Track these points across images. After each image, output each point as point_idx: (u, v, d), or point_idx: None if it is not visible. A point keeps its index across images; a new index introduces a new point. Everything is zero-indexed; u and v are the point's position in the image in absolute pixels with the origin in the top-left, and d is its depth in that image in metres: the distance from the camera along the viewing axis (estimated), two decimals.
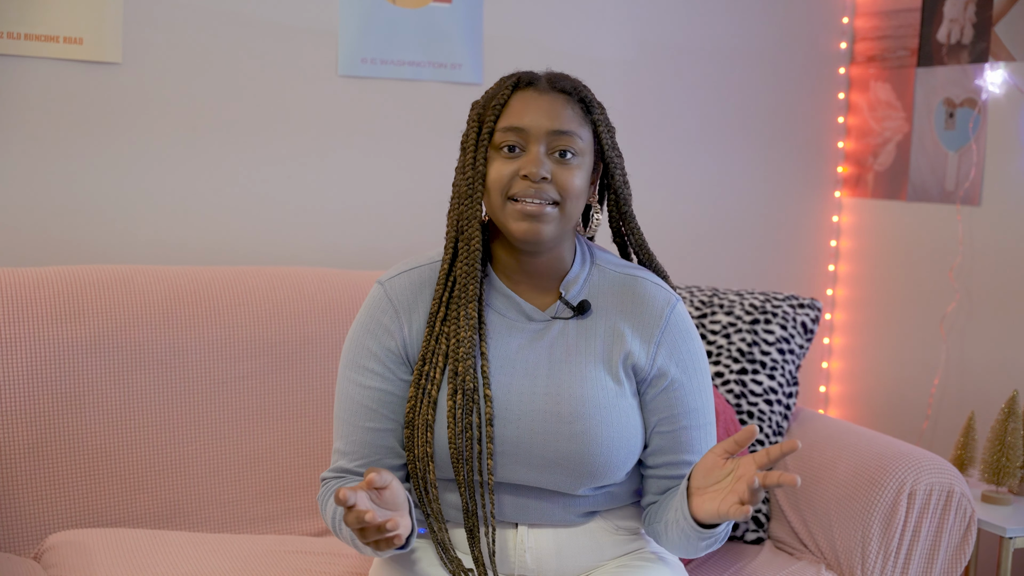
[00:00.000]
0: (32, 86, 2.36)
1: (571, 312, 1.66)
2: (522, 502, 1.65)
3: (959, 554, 2.11)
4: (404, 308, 1.65)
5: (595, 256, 1.71)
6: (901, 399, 3.07)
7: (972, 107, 2.84)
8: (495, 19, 2.77)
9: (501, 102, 1.61)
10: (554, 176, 1.58)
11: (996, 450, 2.46)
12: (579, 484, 1.63)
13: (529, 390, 1.62)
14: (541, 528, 1.68)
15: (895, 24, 3.07)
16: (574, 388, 1.62)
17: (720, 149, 3.10)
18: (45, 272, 2.14)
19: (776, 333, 2.40)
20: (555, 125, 1.58)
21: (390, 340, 1.65)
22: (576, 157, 1.60)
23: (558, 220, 1.59)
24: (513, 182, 1.58)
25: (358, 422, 1.65)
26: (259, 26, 2.55)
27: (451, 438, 1.59)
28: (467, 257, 1.61)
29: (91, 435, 2.09)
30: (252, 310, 2.23)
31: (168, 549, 1.98)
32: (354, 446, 1.65)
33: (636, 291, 1.67)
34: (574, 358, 1.64)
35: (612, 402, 1.62)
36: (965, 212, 2.88)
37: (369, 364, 1.65)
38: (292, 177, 2.62)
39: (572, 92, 1.63)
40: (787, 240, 3.22)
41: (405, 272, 1.69)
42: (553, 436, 1.60)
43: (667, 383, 1.65)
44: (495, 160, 1.60)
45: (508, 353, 1.64)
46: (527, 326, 1.65)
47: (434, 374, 1.61)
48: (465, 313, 1.60)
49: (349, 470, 1.66)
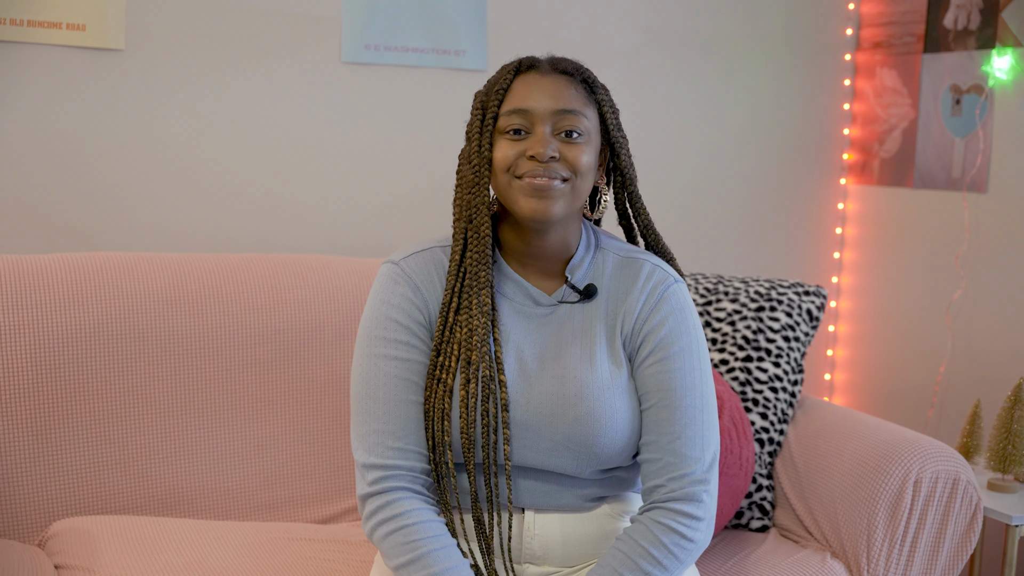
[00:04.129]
0: (35, 73, 2.36)
1: (577, 296, 1.66)
2: (531, 485, 1.65)
3: (965, 542, 2.11)
4: (423, 284, 1.64)
5: (600, 240, 1.72)
6: (907, 387, 3.07)
7: (979, 94, 2.83)
8: (499, 5, 2.76)
9: (504, 87, 1.60)
10: (562, 154, 1.57)
11: (1002, 438, 2.45)
12: (586, 466, 1.63)
13: (537, 373, 1.62)
14: (548, 514, 1.67)
15: (901, 10, 3.05)
16: (579, 371, 1.61)
17: (725, 136, 3.09)
18: (48, 259, 2.14)
19: (781, 320, 2.39)
20: (559, 105, 1.58)
21: (415, 311, 1.63)
22: (582, 136, 1.59)
23: (568, 196, 1.58)
24: (519, 162, 1.57)
25: (401, 396, 1.59)
26: (262, 13, 2.54)
27: (463, 427, 1.58)
28: (477, 245, 1.60)
29: (95, 422, 2.09)
30: (255, 297, 2.23)
31: (172, 536, 1.98)
32: (401, 423, 1.59)
33: (638, 271, 1.67)
34: (579, 341, 1.64)
35: (613, 384, 1.62)
36: (971, 199, 2.87)
37: (399, 336, 1.61)
38: (295, 164, 2.61)
39: (575, 73, 1.62)
40: (793, 227, 3.21)
41: (417, 252, 1.68)
42: (560, 418, 1.60)
43: (649, 352, 1.63)
44: (500, 143, 1.59)
45: (517, 338, 1.64)
46: (535, 311, 1.66)
47: (449, 363, 1.60)
48: (478, 301, 1.60)
49: (403, 450, 1.59)
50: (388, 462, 1.58)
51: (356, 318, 2.28)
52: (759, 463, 2.28)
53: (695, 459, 1.60)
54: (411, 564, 1.53)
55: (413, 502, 1.57)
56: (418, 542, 1.54)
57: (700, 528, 1.59)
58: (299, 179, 2.62)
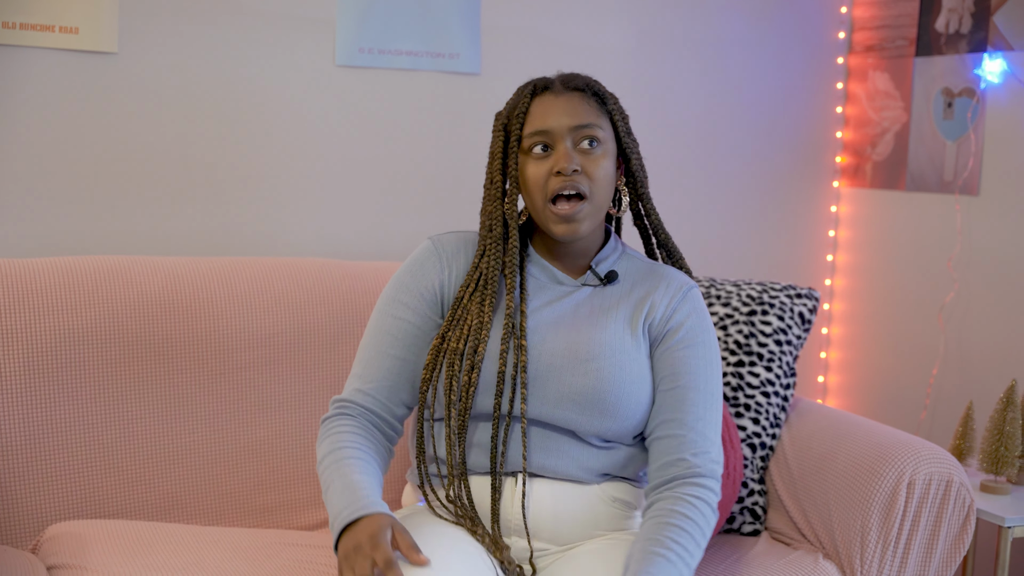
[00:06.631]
0: (27, 76, 2.35)
1: (599, 281, 1.82)
2: (535, 441, 1.74)
3: (958, 543, 2.12)
4: (448, 256, 1.82)
5: (626, 249, 1.89)
6: (900, 389, 3.07)
7: (971, 97, 2.84)
8: (493, 8, 2.76)
9: (523, 110, 1.77)
10: (583, 167, 1.73)
11: (995, 439, 2.46)
12: (593, 423, 1.74)
13: (552, 335, 1.76)
14: (543, 481, 1.75)
15: (893, 13, 3.06)
16: (593, 334, 1.76)
17: (718, 139, 3.09)
18: (41, 263, 2.14)
19: (773, 324, 2.40)
20: (576, 121, 1.74)
21: (428, 280, 1.81)
22: (600, 146, 1.76)
23: (591, 214, 1.75)
24: (549, 180, 1.73)
25: (382, 348, 1.78)
26: (256, 15, 2.54)
27: (460, 413, 1.72)
28: (495, 253, 1.78)
29: (89, 426, 2.08)
30: (249, 301, 2.23)
31: (166, 541, 1.97)
32: (373, 370, 1.78)
33: (662, 274, 1.85)
34: (597, 316, 1.79)
35: (627, 351, 1.75)
36: (964, 202, 2.88)
37: (404, 298, 1.80)
38: (289, 167, 2.61)
39: (586, 88, 1.79)
40: (786, 230, 3.21)
41: (456, 232, 1.87)
42: (569, 372, 1.73)
43: (676, 340, 1.78)
44: (528, 164, 1.76)
45: (536, 305, 1.79)
46: (558, 288, 1.82)
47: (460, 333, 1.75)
48: (490, 301, 1.76)
49: (364, 392, 1.77)
50: (349, 398, 1.78)
51: (350, 321, 2.28)
52: (751, 468, 2.29)
53: (712, 441, 1.73)
54: (330, 453, 1.70)
55: (355, 427, 1.75)
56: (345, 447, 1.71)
57: (703, 508, 1.68)
58: (293, 182, 2.62)
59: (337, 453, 1.69)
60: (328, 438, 1.72)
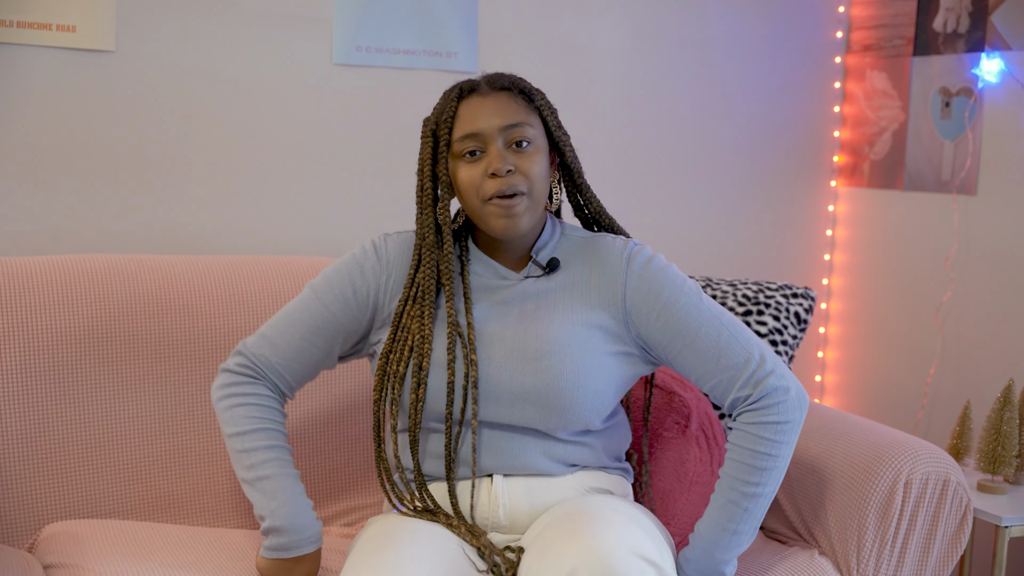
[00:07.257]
0: (25, 74, 2.35)
1: (541, 271, 1.82)
2: (497, 445, 1.75)
3: (955, 543, 2.12)
4: (388, 261, 1.83)
5: (564, 228, 1.88)
6: (897, 388, 3.08)
7: (968, 96, 2.84)
8: (490, 7, 2.76)
9: (451, 114, 1.75)
10: (517, 167, 1.73)
11: (992, 439, 2.46)
12: (552, 419, 1.75)
13: (500, 338, 1.76)
14: (516, 478, 1.75)
15: (891, 13, 3.06)
16: (540, 331, 1.76)
17: (715, 138, 3.10)
18: (37, 261, 2.13)
19: (769, 324, 2.40)
20: (505, 120, 1.73)
21: (366, 282, 1.82)
22: (531, 144, 1.75)
23: (530, 209, 1.75)
24: (484, 182, 1.73)
25: (301, 331, 1.82)
26: (253, 14, 2.53)
27: (411, 427, 1.75)
28: (428, 262, 1.77)
29: (85, 426, 2.08)
30: (246, 299, 2.23)
31: (163, 540, 1.97)
32: (285, 345, 1.82)
33: (597, 246, 1.83)
34: (543, 310, 1.79)
35: (579, 343, 1.75)
36: (961, 201, 2.88)
37: (339, 289, 1.82)
38: (286, 166, 2.61)
39: (512, 87, 1.77)
40: (783, 229, 3.21)
41: (402, 233, 1.87)
42: (520, 372, 1.74)
43: (648, 310, 1.77)
44: (460, 167, 1.75)
45: (482, 309, 1.79)
46: (501, 283, 1.82)
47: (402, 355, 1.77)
48: (429, 312, 1.76)
49: (273, 364, 1.82)
50: (258, 362, 1.82)
51: None
52: None
53: (744, 361, 1.75)
54: (250, 433, 1.77)
55: (267, 392, 1.81)
56: (262, 419, 1.79)
57: (786, 405, 1.74)
58: (290, 181, 2.61)
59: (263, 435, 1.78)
60: (243, 407, 1.79)
